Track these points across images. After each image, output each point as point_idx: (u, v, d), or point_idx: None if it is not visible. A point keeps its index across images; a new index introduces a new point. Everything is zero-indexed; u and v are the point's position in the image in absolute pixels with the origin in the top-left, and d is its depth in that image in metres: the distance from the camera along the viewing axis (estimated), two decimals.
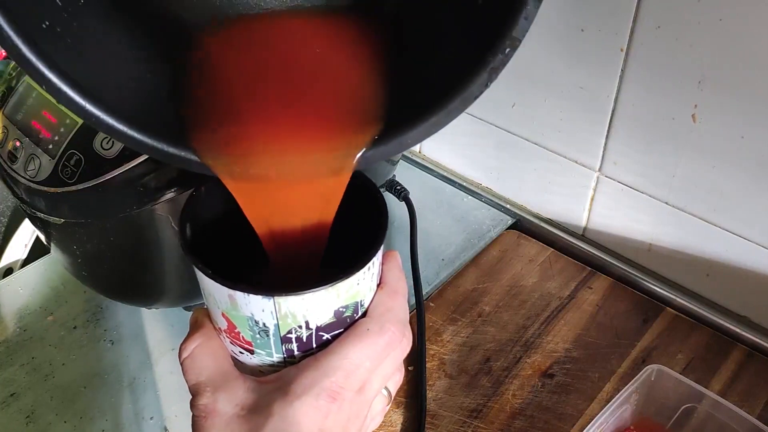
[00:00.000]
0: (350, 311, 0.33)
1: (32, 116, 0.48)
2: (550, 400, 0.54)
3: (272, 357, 0.34)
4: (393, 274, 0.36)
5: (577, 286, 0.63)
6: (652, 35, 0.51)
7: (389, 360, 0.34)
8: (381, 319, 0.34)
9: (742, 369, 0.55)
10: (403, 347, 0.35)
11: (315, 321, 0.32)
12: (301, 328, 0.32)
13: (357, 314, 0.34)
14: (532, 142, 0.66)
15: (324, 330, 0.33)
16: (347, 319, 0.33)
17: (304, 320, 0.32)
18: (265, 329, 0.32)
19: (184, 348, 0.34)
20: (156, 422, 0.55)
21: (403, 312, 0.35)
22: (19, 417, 0.56)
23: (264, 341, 0.33)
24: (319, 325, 0.32)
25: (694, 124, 0.52)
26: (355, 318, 0.34)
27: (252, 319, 0.32)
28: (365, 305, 0.35)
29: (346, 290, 0.32)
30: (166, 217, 0.48)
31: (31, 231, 0.76)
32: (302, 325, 0.32)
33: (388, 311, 0.34)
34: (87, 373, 0.59)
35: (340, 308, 0.32)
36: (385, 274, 0.36)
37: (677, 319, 0.59)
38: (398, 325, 0.34)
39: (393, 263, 0.37)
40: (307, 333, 0.32)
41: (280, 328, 0.32)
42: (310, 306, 0.31)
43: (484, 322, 0.60)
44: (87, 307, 0.65)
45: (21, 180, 0.48)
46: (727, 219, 0.55)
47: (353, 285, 0.32)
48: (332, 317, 0.33)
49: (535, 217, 0.71)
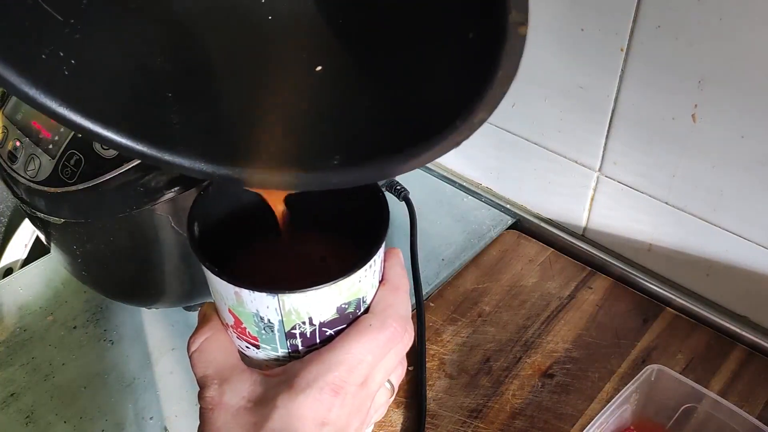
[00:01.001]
0: (352, 307, 0.34)
1: (32, 116, 0.48)
2: (550, 400, 0.54)
3: (277, 352, 0.35)
4: (395, 271, 0.37)
5: (577, 286, 0.63)
6: (652, 35, 0.51)
7: (391, 354, 0.35)
8: (383, 314, 0.35)
9: (742, 369, 0.55)
10: (405, 342, 0.35)
11: (318, 317, 0.33)
12: (305, 324, 0.33)
13: (359, 310, 0.35)
14: (532, 142, 0.66)
15: (327, 326, 0.34)
16: (350, 315, 0.34)
17: (308, 316, 0.33)
18: (270, 325, 0.33)
19: (193, 341, 0.35)
20: (156, 422, 0.55)
21: (404, 308, 0.36)
22: (19, 417, 0.56)
23: (269, 336, 0.34)
24: (322, 321, 0.33)
25: (694, 124, 0.52)
26: (358, 314, 0.35)
27: (257, 315, 0.32)
28: (367, 302, 0.35)
29: (348, 287, 0.33)
30: (166, 217, 0.48)
31: (31, 231, 0.76)
32: (306, 321, 0.33)
33: (390, 307, 0.35)
34: (87, 373, 0.59)
35: (343, 305, 0.33)
36: (387, 271, 0.37)
37: (677, 319, 0.59)
38: (400, 320, 0.35)
39: (395, 260, 0.38)
40: (311, 329, 0.33)
41: (284, 324, 0.33)
42: (313, 303, 0.32)
43: (484, 322, 0.60)
44: (87, 307, 0.65)
45: (21, 180, 0.48)
46: (727, 219, 0.55)
47: (355, 282, 0.33)
48: (335, 313, 0.33)
49: (535, 217, 0.71)
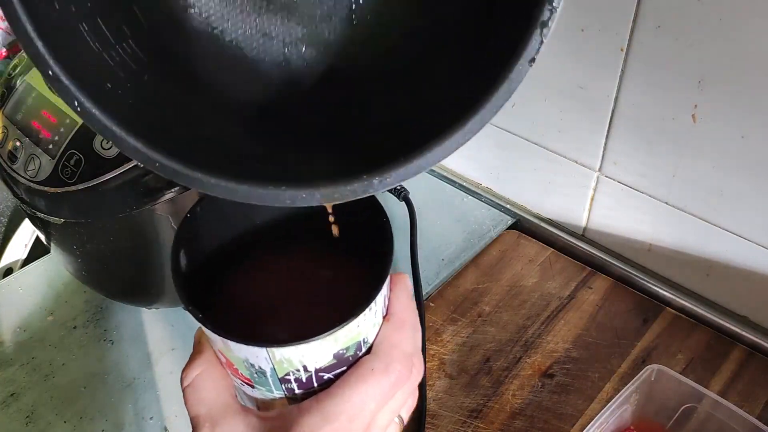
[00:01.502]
0: (352, 351, 0.31)
1: (32, 116, 0.48)
2: (550, 400, 0.54)
3: (273, 393, 0.33)
4: (400, 303, 0.33)
5: (577, 286, 0.63)
6: (652, 35, 0.51)
7: (398, 395, 0.32)
8: (386, 357, 0.32)
9: (742, 369, 0.55)
10: (412, 380, 0.33)
11: (313, 364, 0.31)
12: (299, 371, 0.31)
13: (360, 351, 0.32)
14: (532, 142, 0.66)
15: (325, 371, 0.31)
16: (349, 359, 0.32)
17: (302, 365, 0.30)
18: (261, 371, 0.31)
19: (185, 375, 0.33)
20: (156, 422, 0.55)
21: (411, 345, 0.33)
22: (19, 417, 0.55)
23: (262, 380, 0.32)
24: (318, 368, 0.31)
25: (694, 124, 0.52)
26: (359, 355, 0.32)
27: (247, 361, 0.31)
28: (369, 341, 0.32)
29: (345, 334, 0.30)
30: (165, 217, 0.48)
31: (31, 231, 0.76)
32: (300, 368, 0.31)
33: (394, 347, 0.32)
34: (87, 373, 0.59)
35: (340, 351, 0.31)
36: (392, 303, 0.33)
37: (677, 319, 0.59)
38: (405, 361, 0.32)
39: (401, 290, 0.34)
40: (306, 375, 0.31)
41: (276, 371, 0.31)
42: (306, 353, 0.30)
43: (484, 322, 0.60)
44: (87, 307, 0.65)
45: (21, 180, 0.48)
46: (727, 219, 0.55)
47: (353, 328, 0.30)
48: (332, 359, 0.31)
49: (535, 217, 0.71)
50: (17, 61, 0.53)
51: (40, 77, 0.49)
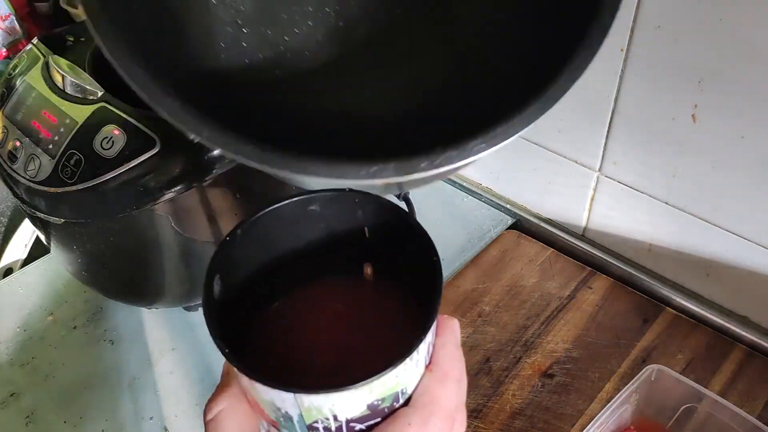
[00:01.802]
0: (388, 402, 0.29)
1: (32, 116, 0.48)
2: (550, 400, 0.54)
3: None
4: (446, 352, 0.30)
5: (577, 286, 0.63)
6: (652, 35, 0.51)
7: None
8: (425, 411, 0.29)
9: (742, 369, 0.55)
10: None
11: (345, 414, 0.28)
12: (329, 420, 0.28)
13: (398, 403, 0.29)
14: (532, 142, 0.66)
15: (357, 421, 0.29)
16: (385, 410, 0.29)
17: (332, 414, 0.28)
18: (288, 416, 0.29)
19: (209, 409, 0.31)
20: (156, 422, 0.55)
21: (454, 400, 0.30)
22: (19, 417, 0.55)
23: (289, 425, 0.29)
24: (349, 418, 0.29)
25: (694, 124, 0.52)
26: (396, 407, 0.29)
27: (274, 404, 0.29)
28: (408, 392, 0.29)
29: (382, 384, 0.27)
30: (166, 217, 0.48)
31: (31, 231, 0.76)
32: (329, 417, 0.28)
33: (435, 401, 0.29)
34: (87, 373, 0.59)
35: (375, 401, 0.28)
36: (436, 351, 0.30)
37: (677, 319, 0.59)
38: (446, 418, 0.29)
39: (448, 336, 0.31)
40: (336, 424, 0.29)
41: (304, 418, 0.28)
42: (337, 402, 0.28)
43: (484, 322, 0.60)
44: (87, 307, 0.65)
45: (21, 180, 0.48)
46: (727, 219, 0.55)
47: (391, 378, 0.28)
48: (366, 410, 0.28)
49: (535, 217, 0.71)
50: (17, 61, 0.53)
51: (40, 77, 0.49)
